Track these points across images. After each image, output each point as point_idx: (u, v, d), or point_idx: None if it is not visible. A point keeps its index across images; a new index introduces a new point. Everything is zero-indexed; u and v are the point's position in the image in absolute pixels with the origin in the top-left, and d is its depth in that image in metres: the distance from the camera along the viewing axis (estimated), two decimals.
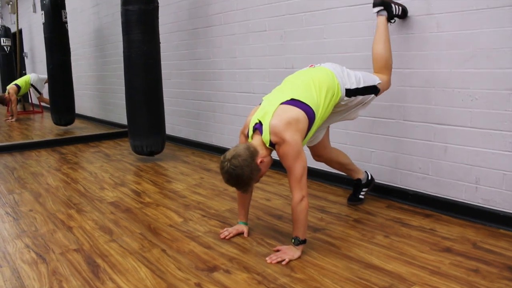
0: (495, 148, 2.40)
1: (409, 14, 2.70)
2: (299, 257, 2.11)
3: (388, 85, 2.60)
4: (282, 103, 2.13)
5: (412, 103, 2.76)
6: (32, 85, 8.24)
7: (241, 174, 2.01)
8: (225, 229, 2.46)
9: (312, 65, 2.45)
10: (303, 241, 2.13)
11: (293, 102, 2.13)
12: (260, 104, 2.27)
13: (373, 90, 2.47)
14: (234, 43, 4.13)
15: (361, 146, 3.10)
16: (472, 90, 2.46)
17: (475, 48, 2.42)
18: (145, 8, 3.99)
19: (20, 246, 2.37)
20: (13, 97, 7.95)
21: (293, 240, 2.13)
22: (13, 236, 2.52)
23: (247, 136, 2.23)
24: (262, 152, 2.10)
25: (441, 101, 2.61)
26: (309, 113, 2.14)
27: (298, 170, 2.06)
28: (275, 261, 2.07)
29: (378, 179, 3.02)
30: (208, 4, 4.39)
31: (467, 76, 2.48)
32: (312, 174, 3.45)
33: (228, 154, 2.05)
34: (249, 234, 2.43)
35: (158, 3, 4.13)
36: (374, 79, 2.49)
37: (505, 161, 2.37)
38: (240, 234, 2.43)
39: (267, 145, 2.10)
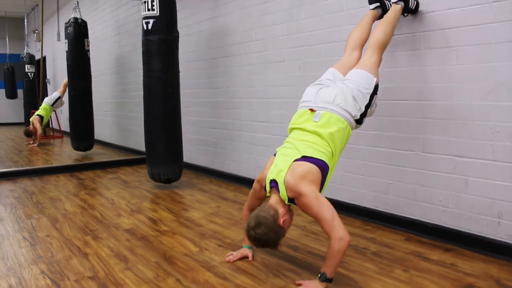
0: None
1: (429, 46, 2.70)
2: None
3: (379, 64, 2.52)
4: (294, 161, 2.17)
5: (432, 135, 2.73)
6: (53, 105, 8.49)
7: (267, 240, 2.09)
8: (230, 253, 2.53)
9: (311, 109, 2.32)
10: (330, 280, 2.07)
11: (305, 159, 2.18)
12: (274, 154, 2.32)
13: (374, 92, 2.39)
14: (252, 73, 4.18)
15: (379, 178, 3.07)
16: (493, 123, 2.43)
17: (495, 81, 2.41)
18: (165, 38, 4.07)
19: (35, 272, 2.37)
20: (37, 126, 8.20)
21: (319, 275, 2.07)
22: (29, 262, 2.53)
23: (262, 187, 2.29)
24: (281, 211, 2.15)
25: (461, 133, 2.58)
26: (322, 166, 2.18)
27: (326, 215, 2.04)
28: None
29: (396, 212, 2.97)
30: (228, 35, 4.47)
31: (488, 109, 2.45)
32: None
33: (252, 222, 2.10)
34: (253, 258, 2.48)
35: (178, 33, 4.21)
36: (371, 81, 2.38)
37: None
38: (244, 258, 2.49)
39: (286, 201, 2.15)
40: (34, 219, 3.38)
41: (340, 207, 3.30)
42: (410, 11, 2.72)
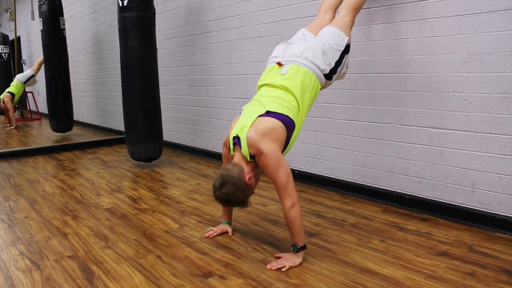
0: (490, 151, 2.40)
1: (404, 18, 2.70)
2: (300, 264, 2.09)
3: (352, 26, 2.51)
4: (259, 116, 2.12)
5: (408, 107, 2.76)
6: (25, 82, 8.35)
7: (234, 198, 2.08)
8: (210, 228, 2.56)
9: (279, 63, 2.27)
10: (303, 247, 2.11)
11: (269, 114, 2.11)
12: (240, 114, 2.27)
13: (345, 52, 2.38)
14: (230, 49, 4.14)
15: (357, 151, 3.10)
16: (467, 93, 2.46)
17: (469, 52, 2.43)
18: (142, 15, 3.99)
19: (14, 253, 2.36)
20: (9, 105, 7.99)
21: (292, 248, 2.11)
22: (7, 243, 2.51)
23: (229, 149, 2.24)
24: (247, 168, 2.10)
25: (436, 105, 2.61)
26: (287, 122, 2.12)
27: (281, 178, 2.03)
28: (275, 268, 2.05)
29: (374, 184, 3.02)
30: (205, 11, 4.40)
31: (462, 80, 2.48)
32: (308, 179, 3.45)
33: (217, 182, 2.08)
34: (233, 233, 2.51)
35: (155, 9, 4.14)
36: (342, 38, 2.37)
37: (501, 164, 2.37)
38: (224, 233, 2.52)
39: (248, 158, 2.10)
40: (12, 201, 3.35)
41: (319, 180, 3.34)
42: None
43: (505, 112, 2.32)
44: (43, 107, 9.66)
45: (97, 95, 7.37)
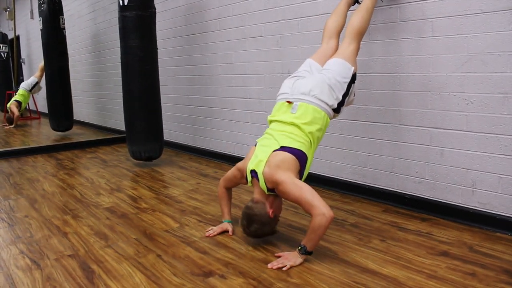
0: (491, 151, 2.40)
1: (404, 18, 2.70)
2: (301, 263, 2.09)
3: (357, 53, 2.53)
4: (274, 151, 2.22)
5: (408, 107, 2.76)
6: (31, 90, 8.41)
7: (262, 233, 2.24)
8: (210, 228, 2.57)
9: (289, 101, 2.34)
10: (309, 253, 2.10)
11: (283, 149, 2.21)
12: (255, 145, 2.36)
13: (352, 81, 2.41)
14: (230, 48, 4.14)
15: (358, 151, 3.10)
16: (468, 93, 2.46)
17: (470, 52, 2.43)
18: (142, 14, 3.99)
19: (14, 252, 2.36)
20: (15, 110, 8.13)
21: (299, 248, 2.10)
22: (7, 242, 2.51)
23: (243, 177, 2.34)
24: (268, 203, 2.21)
25: (437, 105, 2.61)
26: (300, 155, 2.22)
27: (306, 196, 2.06)
28: (276, 267, 2.05)
29: (374, 184, 3.02)
30: (205, 10, 4.40)
31: (462, 80, 2.48)
32: (308, 179, 3.44)
33: (244, 221, 2.21)
34: (233, 232, 2.50)
35: (155, 9, 4.14)
36: (348, 70, 2.40)
37: (501, 165, 2.37)
38: (225, 232, 2.52)
39: (266, 192, 2.20)
40: (12, 200, 3.34)
41: (320, 180, 3.34)
42: None
43: (505, 112, 2.32)
44: (42, 106, 9.65)
45: (97, 94, 7.36)
